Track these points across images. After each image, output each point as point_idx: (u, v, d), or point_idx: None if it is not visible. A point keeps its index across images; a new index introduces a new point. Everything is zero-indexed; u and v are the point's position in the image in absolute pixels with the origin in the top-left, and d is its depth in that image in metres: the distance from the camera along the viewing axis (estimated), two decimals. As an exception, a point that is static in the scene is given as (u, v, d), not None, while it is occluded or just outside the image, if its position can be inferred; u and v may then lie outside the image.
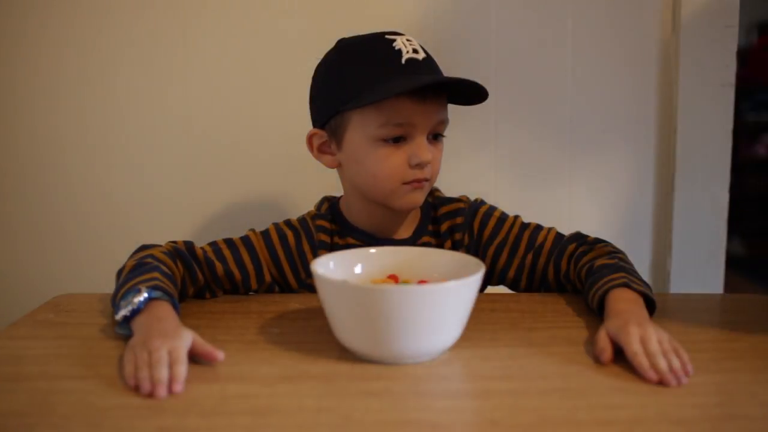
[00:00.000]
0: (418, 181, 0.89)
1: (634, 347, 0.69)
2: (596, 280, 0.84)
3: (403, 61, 0.87)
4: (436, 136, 0.92)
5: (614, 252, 0.91)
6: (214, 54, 1.38)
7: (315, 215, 0.98)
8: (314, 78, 0.96)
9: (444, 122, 0.91)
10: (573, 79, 1.42)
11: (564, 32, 1.40)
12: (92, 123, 1.38)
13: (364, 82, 0.87)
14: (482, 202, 1.01)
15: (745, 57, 3.31)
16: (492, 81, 1.40)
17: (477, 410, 0.61)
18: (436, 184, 1.05)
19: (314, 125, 0.96)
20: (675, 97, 1.40)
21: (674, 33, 1.39)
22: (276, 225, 0.98)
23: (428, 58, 0.90)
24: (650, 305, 0.81)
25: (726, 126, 1.40)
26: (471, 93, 0.91)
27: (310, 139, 0.95)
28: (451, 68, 1.01)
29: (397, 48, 0.88)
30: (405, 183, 0.89)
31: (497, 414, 0.60)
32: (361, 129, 0.89)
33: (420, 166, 0.88)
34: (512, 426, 0.58)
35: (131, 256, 0.90)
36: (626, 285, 0.81)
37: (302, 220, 0.98)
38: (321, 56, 0.96)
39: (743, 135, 3.32)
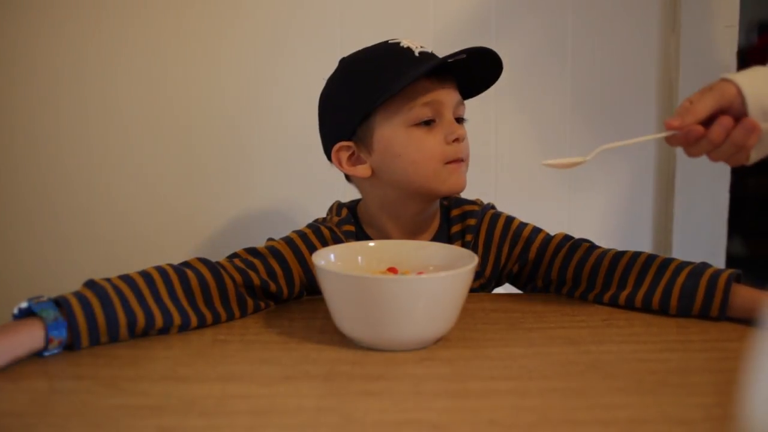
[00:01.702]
0: (458, 160, 0.90)
1: None
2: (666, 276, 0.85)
3: (416, 53, 0.90)
4: (459, 120, 0.93)
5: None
6: (219, 55, 1.38)
7: (339, 221, 0.95)
8: (324, 97, 0.96)
9: (462, 104, 0.93)
10: (573, 79, 1.42)
11: (564, 32, 1.41)
12: (96, 125, 1.38)
13: (385, 79, 0.88)
14: (493, 207, 1.01)
15: (745, 57, 3.30)
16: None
17: (477, 410, 0.61)
18: None
19: (334, 143, 0.93)
20: (675, 96, 1.40)
21: (674, 33, 1.39)
22: (302, 235, 0.93)
23: (434, 53, 0.92)
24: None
25: (726, 126, 1.40)
26: (482, 77, 0.95)
27: (337, 154, 0.93)
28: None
29: (405, 46, 0.90)
30: (446, 163, 0.90)
31: (497, 414, 0.60)
32: (390, 122, 0.89)
33: (457, 141, 0.90)
34: (512, 426, 0.58)
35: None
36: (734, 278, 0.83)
37: (330, 229, 0.94)
38: (326, 74, 0.96)
39: (743, 135, 3.31)
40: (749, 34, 3.49)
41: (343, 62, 0.95)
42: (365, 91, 0.90)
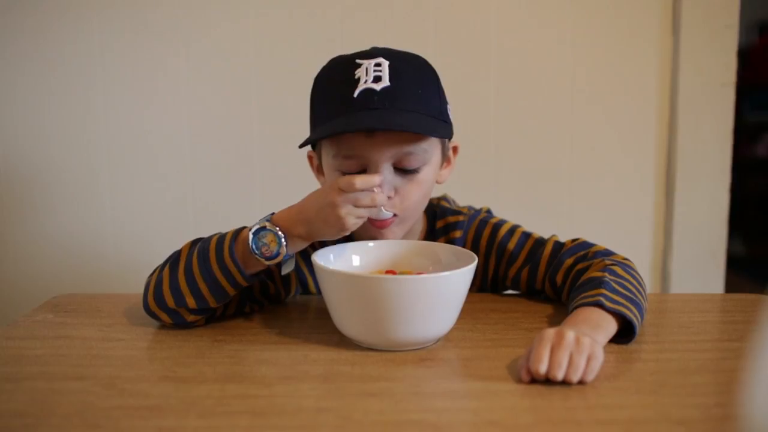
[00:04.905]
0: (377, 220, 0.83)
1: (541, 335, 0.67)
2: (573, 298, 0.80)
3: (355, 94, 0.81)
4: (405, 171, 0.84)
5: (610, 265, 0.83)
6: (215, 54, 1.38)
7: None
8: None
9: (410, 154, 0.83)
10: (573, 79, 1.42)
11: (564, 32, 1.41)
12: (94, 123, 1.38)
13: (321, 117, 0.85)
14: (479, 212, 0.98)
15: (745, 57, 3.30)
16: (492, 82, 1.40)
17: (477, 410, 0.61)
18: (445, 191, 1.04)
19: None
20: (675, 97, 1.40)
21: (674, 33, 1.39)
22: None
23: (389, 89, 0.81)
24: (630, 327, 0.75)
25: (726, 126, 1.40)
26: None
27: (309, 160, 0.95)
28: (451, 71, 1.01)
29: (356, 77, 0.82)
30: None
31: (497, 414, 0.60)
32: (327, 157, 0.87)
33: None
34: (512, 426, 0.58)
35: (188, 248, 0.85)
36: (598, 304, 0.75)
37: None
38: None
39: (743, 135, 3.32)
40: (749, 34, 3.50)
41: (328, 64, 0.89)
42: (312, 118, 0.88)
